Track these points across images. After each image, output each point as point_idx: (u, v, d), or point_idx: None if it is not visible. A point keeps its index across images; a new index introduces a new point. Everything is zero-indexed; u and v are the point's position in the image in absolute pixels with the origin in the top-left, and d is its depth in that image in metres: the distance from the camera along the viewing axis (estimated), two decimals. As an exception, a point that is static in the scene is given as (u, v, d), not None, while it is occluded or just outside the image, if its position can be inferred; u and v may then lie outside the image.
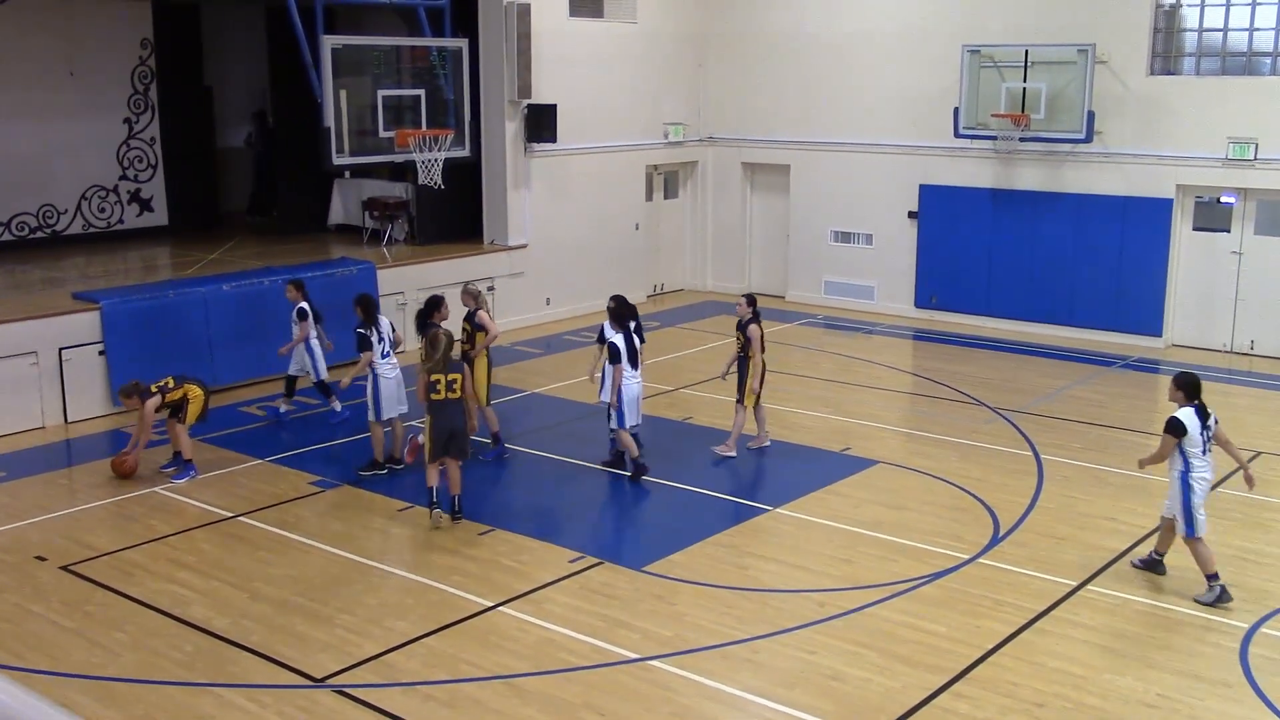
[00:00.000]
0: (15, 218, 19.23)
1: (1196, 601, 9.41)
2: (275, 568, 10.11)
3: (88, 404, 14.42)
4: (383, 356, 12.21)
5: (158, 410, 12.03)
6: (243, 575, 9.95)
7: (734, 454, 12.94)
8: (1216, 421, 9.55)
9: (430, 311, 12.39)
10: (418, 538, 10.79)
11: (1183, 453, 9.39)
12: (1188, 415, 9.40)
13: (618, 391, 11.88)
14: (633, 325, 12.26)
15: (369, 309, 12.45)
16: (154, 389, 12.02)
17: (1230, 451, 9.66)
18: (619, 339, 11.99)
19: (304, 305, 14.08)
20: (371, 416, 12.29)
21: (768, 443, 13.27)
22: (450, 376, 10.87)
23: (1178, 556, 10.26)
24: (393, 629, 8.96)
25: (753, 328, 12.82)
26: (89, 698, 7.94)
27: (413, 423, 12.80)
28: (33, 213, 19.43)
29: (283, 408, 14.38)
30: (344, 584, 9.84)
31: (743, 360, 12.91)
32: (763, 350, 12.87)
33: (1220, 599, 9.36)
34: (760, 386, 12.93)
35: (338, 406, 14.23)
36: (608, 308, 12.39)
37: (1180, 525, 9.50)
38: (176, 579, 9.87)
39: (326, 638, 8.80)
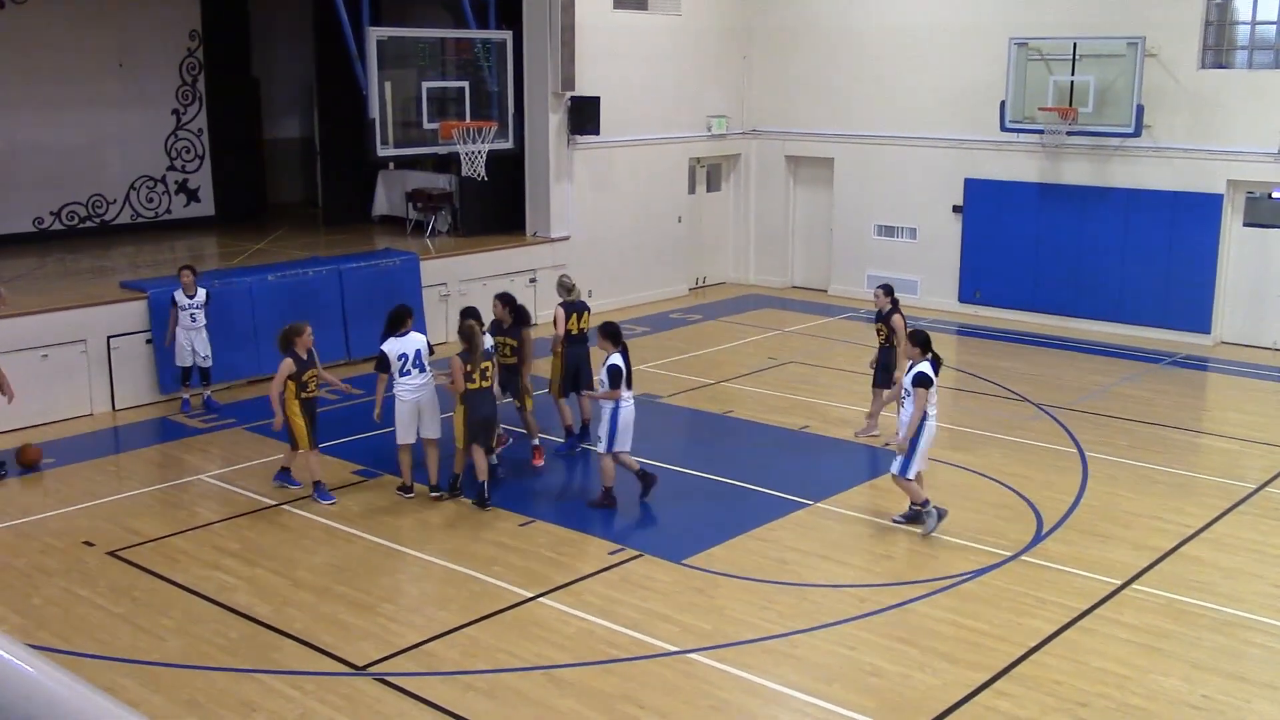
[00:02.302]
0: (65, 207, 19.48)
1: (903, 521, 10.61)
2: (318, 556, 10.19)
3: (135, 392, 14.60)
4: (401, 374, 11.27)
5: (289, 377, 11.11)
6: (286, 563, 10.04)
7: (879, 432, 13.27)
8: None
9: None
10: (459, 528, 10.84)
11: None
12: (929, 368, 10.35)
13: (614, 415, 11.08)
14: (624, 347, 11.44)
15: (394, 323, 11.47)
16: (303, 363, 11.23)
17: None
18: (619, 359, 11.15)
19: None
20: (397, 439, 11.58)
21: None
22: (483, 365, 11.11)
23: (1225, 556, 10.15)
24: (434, 618, 9.01)
25: (895, 318, 12.97)
26: (135, 682, 8.04)
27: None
28: (82, 202, 19.68)
29: (209, 393, 14.60)
30: (385, 573, 9.91)
31: (885, 350, 13.11)
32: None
33: (941, 517, 10.48)
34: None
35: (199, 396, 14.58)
36: (604, 331, 11.32)
37: (897, 464, 10.46)
38: (221, 565, 9.98)
39: (368, 626, 8.87)
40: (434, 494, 11.48)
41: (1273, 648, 8.59)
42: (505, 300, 12.53)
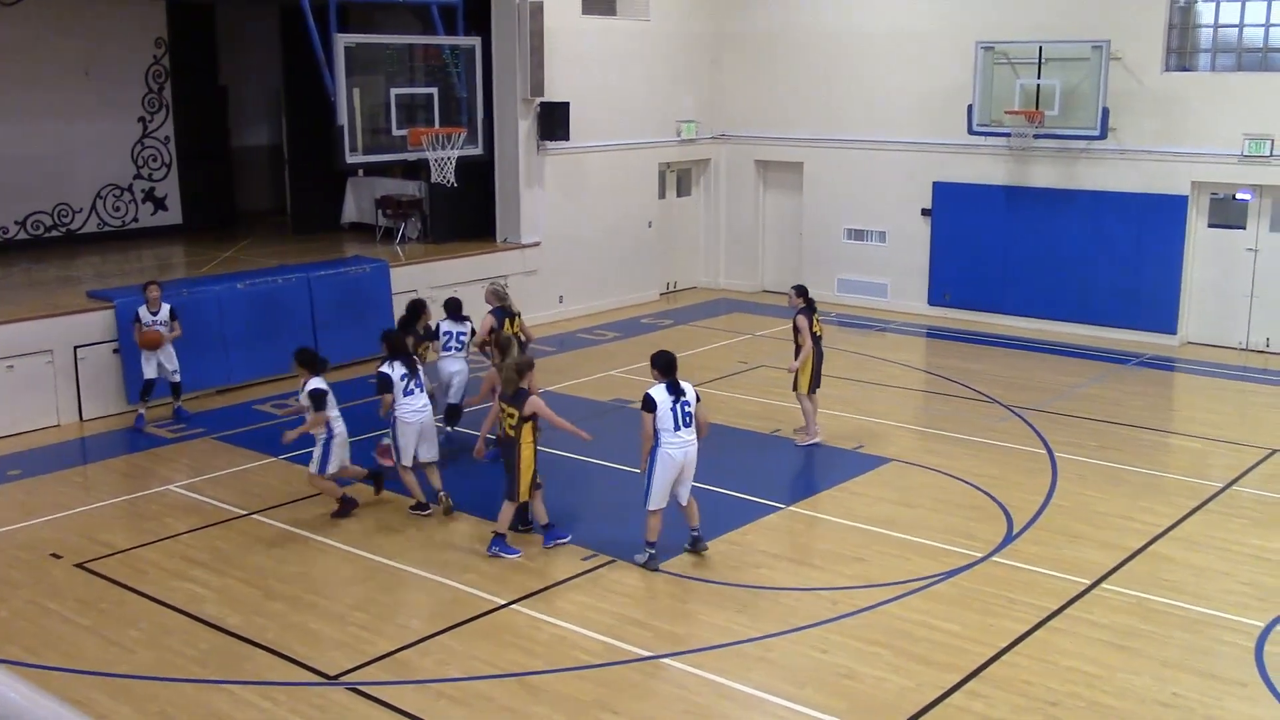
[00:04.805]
0: (31, 216, 19.31)
1: (637, 562, 9.95)
2: (288, 565, 10.14)
3: (102, 402, 14.48)
4: (405, 394, 11.04)
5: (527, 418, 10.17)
6: (256, 573, 9.98)
7: (815, 441, 13.27)
8: (698, 399, 9.93)
9: (414, 319, 12.62)
10: (431, 536, 10.80)
11: (655, 428, 9.73)
12: (658, 391, 9.78)
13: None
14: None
15: (394, 347, 11.28)
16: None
17: (702, 432, 9.95)
18: (320, 383, 10.96)
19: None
20: (396, 461, 11.30)
21: (813, 439, 13.31)
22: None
23: (1194, 555, 10.23)
24: (406, 627, 8.98)
25: (799, 318, 13.12)
26: (104, 694, 7.96)
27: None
28: (48, 211, 19.52)
29: (179, 403, 14.45)
30: (357, 582, 9.86)
31: (799, 350, 13.19)
32: (816, 340, 13.12)
33: (650, 564, 9.90)
34: (813, 375, 13.16)
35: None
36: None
37: (643, 494, 9.87)
38: (190, 576, 9.90)
39: (340, 635, 8.82)
40: (426, 512, 11.21)
41: (1242, 645, 8.65)
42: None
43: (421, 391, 11.24)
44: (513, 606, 9.26)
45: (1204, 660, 8.43)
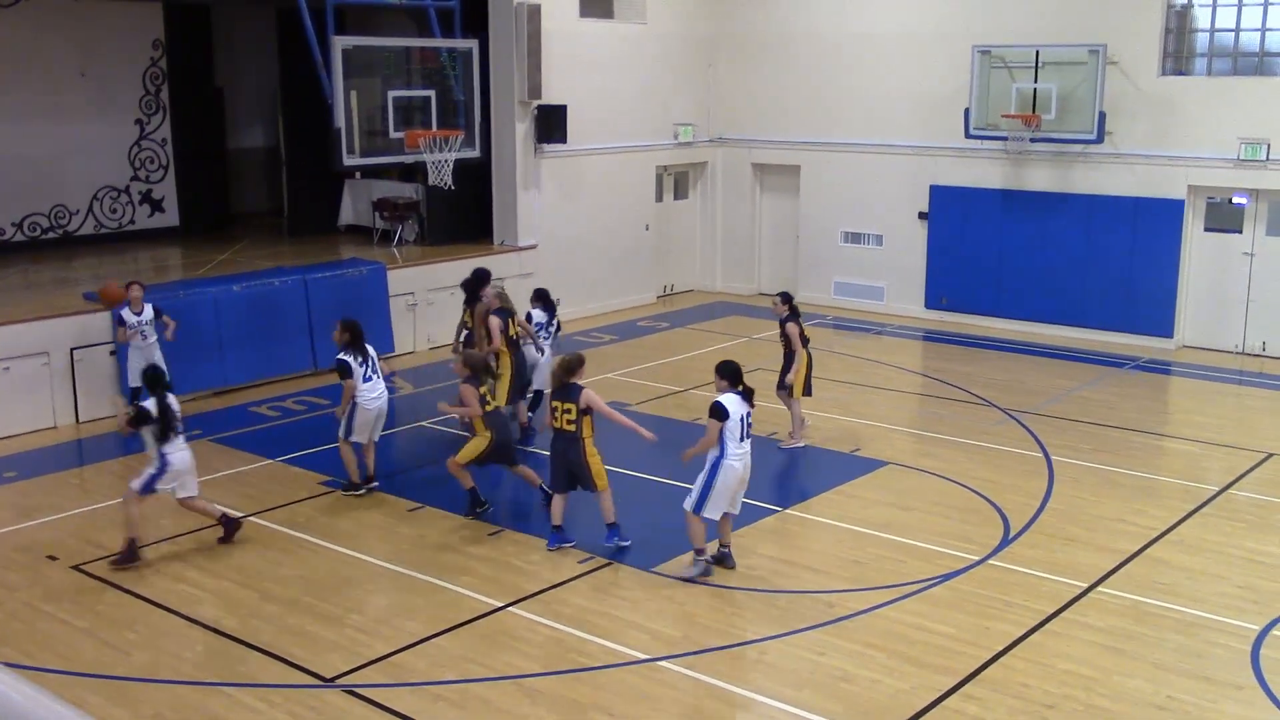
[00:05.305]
0: (27, 218, 19.31)
1: (689, 575, 9.78)
2: (285, 568, 10.14)
3: (99, 404, 14.47)
4: (364, 380, 11.51)
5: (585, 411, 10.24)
6: (252, 575, 9.97)
7: (802, 444, 13.33)
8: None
9: (478, 285, 13.24)
10: (427, 538, 10.79)
11: (721, 438, 9.58)
12: (731, 400, 9.62)
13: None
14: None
15: (354, 334, 11.64)
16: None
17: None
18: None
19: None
20: (341, 434, 11.65)
21: (800, 443, 13.37)
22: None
23: (1189, 558, 10.24)
24: (402, 629, 8.98)
25: (790, 325, 13.16)
26: (100, 697, 7.96)
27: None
28: (44, 213, 19.51)
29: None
30: (354, 584, 9.87)
31: (789, 356, 13.24)
32: (805, 345, 13.18)
33: (704, 573, 9.77)
34: (806, 380, 13.25)
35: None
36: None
37: (691, 500, 9.71)
38: (186, 579, 9.90)
39: (336, 637, 8.82)
40: (359, 492, 11.75)
41: (1236, 648, 8.67)
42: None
43: (379, 378, 11.62)
44: (509, 609, 9.27)
45: (1199, 663, 8.44)
